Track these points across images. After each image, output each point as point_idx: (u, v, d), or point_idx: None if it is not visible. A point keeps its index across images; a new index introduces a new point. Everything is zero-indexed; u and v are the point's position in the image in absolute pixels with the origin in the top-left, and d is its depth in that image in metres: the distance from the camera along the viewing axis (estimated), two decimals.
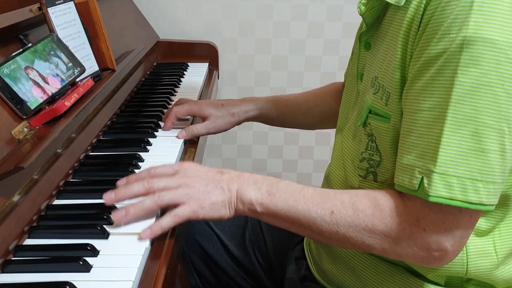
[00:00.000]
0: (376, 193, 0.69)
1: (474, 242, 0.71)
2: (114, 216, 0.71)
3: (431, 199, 0.61)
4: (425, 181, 0.62)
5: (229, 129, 1.10)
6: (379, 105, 0.72)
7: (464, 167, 0.60)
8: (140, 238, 0.69)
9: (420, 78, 0.63)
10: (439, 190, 0.61)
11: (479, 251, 0.71)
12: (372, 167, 0.75)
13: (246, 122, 1.78)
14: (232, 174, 0.75)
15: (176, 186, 0.72)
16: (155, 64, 1.60)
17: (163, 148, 1.00)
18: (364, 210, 0.67)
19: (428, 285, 0.74)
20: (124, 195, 0.73)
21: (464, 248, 0.71)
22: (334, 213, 0.68)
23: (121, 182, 0.76)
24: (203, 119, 1.07)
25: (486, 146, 0.60)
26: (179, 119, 1.10)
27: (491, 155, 0.60)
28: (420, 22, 0.64)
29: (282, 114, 1.11)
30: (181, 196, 0.71)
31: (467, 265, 0.71)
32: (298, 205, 0.70)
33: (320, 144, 1.95)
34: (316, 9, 1.76)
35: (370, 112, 0.74)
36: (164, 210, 0.79)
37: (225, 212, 0.73)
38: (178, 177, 0.74)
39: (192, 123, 1.15)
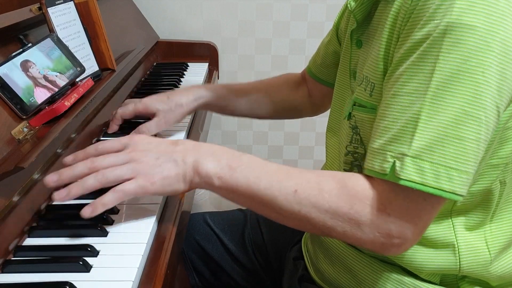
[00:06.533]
0: (343, 174, 0.67)
1: (464, 238, 0.71)
2: (55, 195, 0.67)
3: (402, 182, 0.60)
4: (397, 164, 0.60)
5: (180, 121, 1.05)
6: (363, 96, 0.71)
7: (439, 153, 0.59)
8: (81, 216, 0.66)
9: (402, 64, 0.63)
10: (411, 174, 0.59)
11: (470, 247, 0.71)
12: (356, 161, 0.75)
13: (246, 122, 1.77)
14: (187, 145, 0.71)
15: (123, 162, 0.68)
16: (155, 64, 1.60)
17: None
18: (329, 191, 0.64)
19: (423, 283, 0.75)
20: (66, 177, 0.68)
21: (456, 244, 0.71)
22: (298, 192, 0.65)
23: (68, 159, 0.72)
24: (152, 116, 1.02)
25: (463, 133, 0.59)
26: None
27: (468, 144, 0.59)
28: (407, 10, 0.64)
29: (232, 102, 1.08)
30: (127, 172, 0.67)
31: (459, 261, 0.71)
32: (260, 182, 0.66)
33: (320, 144, 1.95)
34: (316, 9, 1.76)
35: (354, 104, 0.73)
36: (165, 208, 0.79)
37: (179, 186, 0.69)
38: (126, 152, 0.70)
39: (192, 124, 1.15)
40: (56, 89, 0.87)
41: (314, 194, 0.64)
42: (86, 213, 0.66)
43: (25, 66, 0.83)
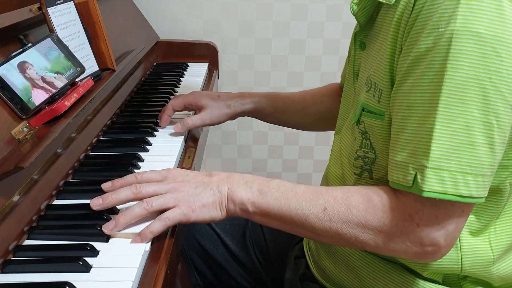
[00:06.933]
0: (368, 189, 0.69)
1: (468, 240, 0.72)
2: (104, 228, 0.70)
3: (425, 194, 0.61)
4: (419, 176, 0.62)
5: (224, 121, 1.08)
6: (372, 103, 0.72)
7: (456, 161, 0.61)
8: (133, 242, 0.69)
9: (411, 74, 0.64)
10: (433, 185, 0.61)
11: (473, 248, 0.72)
12: (367, 165, 0.75)
13: (246, 122, 1.77)
14: (221, 176, 0.75)
15: (165, 191, 0.72)
16: (155, 64, 1.60)
17: (163, 148, 1.00)
18: (357, 206, 0.67)
19: (425, 282, 0.75)
20: (111, 201, 0.72)
21: (458, 245, 0.71)
22: (327, 210, 0.68)
23: (106, 185, 0.76)
24: (199, 110, 1.06)
25: (475, 139, 0.60)
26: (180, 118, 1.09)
27: (480, 148, 0.60)
28: (409, 17, 0.64)
29: (278, 110, 1.09)
30: (171, 200, 0.71)
31: (461, 261, 0.72)
32: (290, 203, 0.69)
33: (320, 144, 1.95)
34: (316, 9, 1.76)
35: (363, 110, 0.74)
36: None
37: (217, 214, 0.73)
38: (166, 182, 0.74)
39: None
40: (54, 91, 0.87)
41: (342, 211, 0.67)
42: (137, 241, 0.69)
43: (22, 67, 0.82)
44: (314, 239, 0.72)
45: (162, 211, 0.71)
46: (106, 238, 0.70)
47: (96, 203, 0.72)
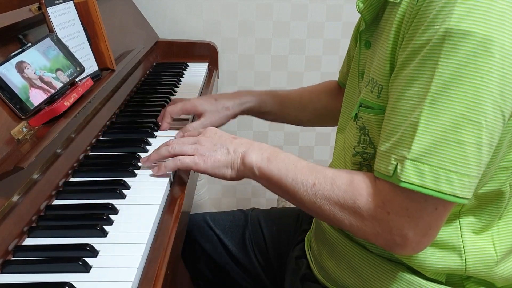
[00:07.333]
0: (355, 172, 0.72)
1: (471, 240, 0.72)
2: (141, 160, 0.89)
3: (402, 184, 0.62)
4: (398, 167, 0.63)
5: (225, 123, 1.09)
6: (370, 98, 0.73)
7: (439, 157, 0.61)
8: (153, 173, 0.86)
9: (405, 68, 0.64)
10: (410, 176, 0.62)
11: (477, 248, 0.72)
12: (365, 161, 0.76)
13: (246, 122, 1.78)
14: (243, 141, 0.84)
15: (192, 142, 0.84)
16: (154, 64, 1.60)
17: None
18: (339, 186, 0.70)
19: (428, 283, 0.75)
20: (154, 158, 0.87)
21: (462, 245, 0.71)
22: (315, 185, 0.71)
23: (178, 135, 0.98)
24: (198, 116, 1.07)
25: (462, 137, 0.60)
26: (179, 119, 1.10)
27: (467, 147, 0.60)
28: (411, 14, 0.65)
29: (276, 108, 1.10)
30: (189, 149, 0.83)
31: (465, 262, 0.72)
32: (288, 174, 0.74)
33: (320, 144, 1.94)
34: (316, 9, 1.76)
35: (361, 105, 0.75)
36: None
37: (227, 171, 0.81)
38: (197, 136, 0.86)
39: (192, 121, 1.15)
40: (52, 91, 0.87)
41: (327, 188, 0.71)
42: (155, 171, 0.86)
43: (20, 67, 0.82)
44: (304, 211, 0.77)
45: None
46: (105, 235, 0.70)
47: (143, 160, 0.88)
